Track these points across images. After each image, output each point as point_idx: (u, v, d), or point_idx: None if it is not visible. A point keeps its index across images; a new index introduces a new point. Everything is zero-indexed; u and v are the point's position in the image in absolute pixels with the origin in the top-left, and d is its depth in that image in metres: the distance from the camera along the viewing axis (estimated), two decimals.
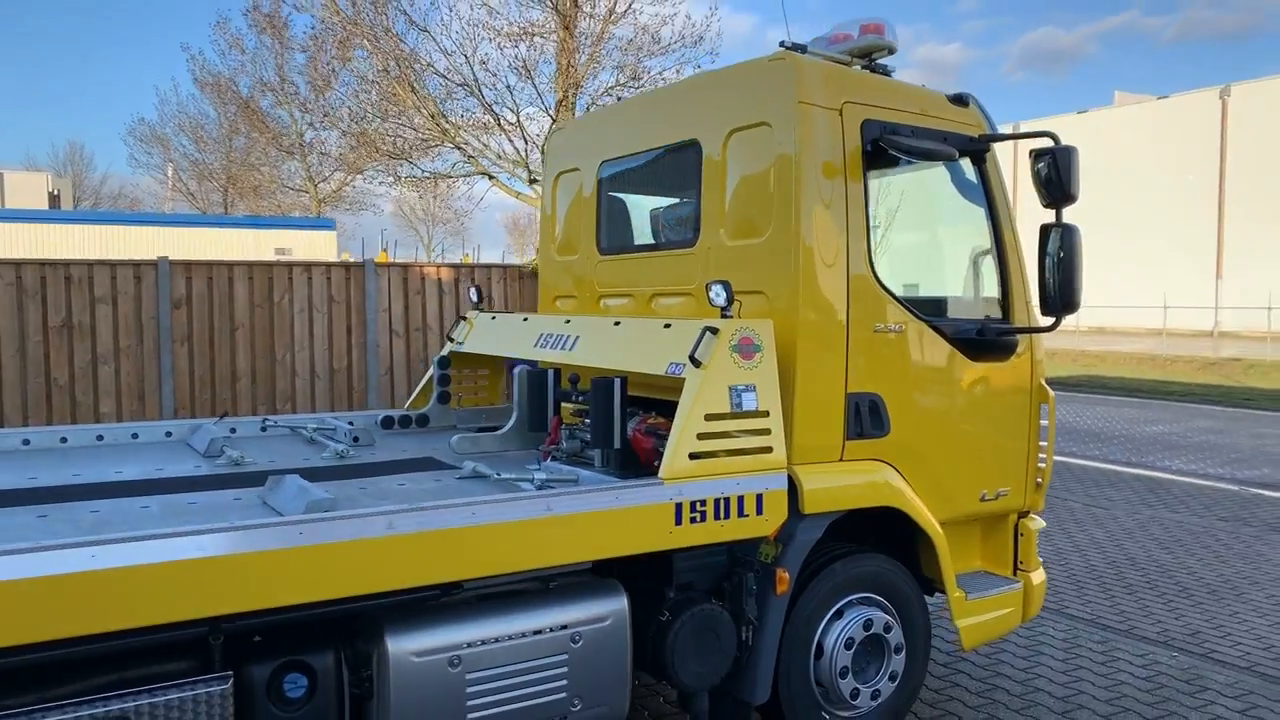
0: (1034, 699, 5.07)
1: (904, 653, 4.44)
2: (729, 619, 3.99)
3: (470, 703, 3.41)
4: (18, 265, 10.12)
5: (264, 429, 5.36)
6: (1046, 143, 4.32)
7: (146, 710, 2.86)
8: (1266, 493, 10.56)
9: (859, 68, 4.69)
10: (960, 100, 4.80)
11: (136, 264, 10.67)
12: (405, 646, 3.30)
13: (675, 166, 5.00)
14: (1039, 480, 4.99)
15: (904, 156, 4.41)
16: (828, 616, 4.28)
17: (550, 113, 14.89)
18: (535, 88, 14.74)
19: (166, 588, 2.79)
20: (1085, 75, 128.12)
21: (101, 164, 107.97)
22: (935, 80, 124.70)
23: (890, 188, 4.80)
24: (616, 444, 4.15)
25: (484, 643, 3.44)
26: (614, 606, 3.74)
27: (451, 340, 5.89)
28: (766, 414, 3.92)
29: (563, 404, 4.79)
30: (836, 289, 4.22)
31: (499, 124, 15.48)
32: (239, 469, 4.38)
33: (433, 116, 16.09)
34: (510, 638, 3.49)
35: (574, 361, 4.64)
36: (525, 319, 5.37)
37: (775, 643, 4.05)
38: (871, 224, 4.37)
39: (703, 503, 3.72)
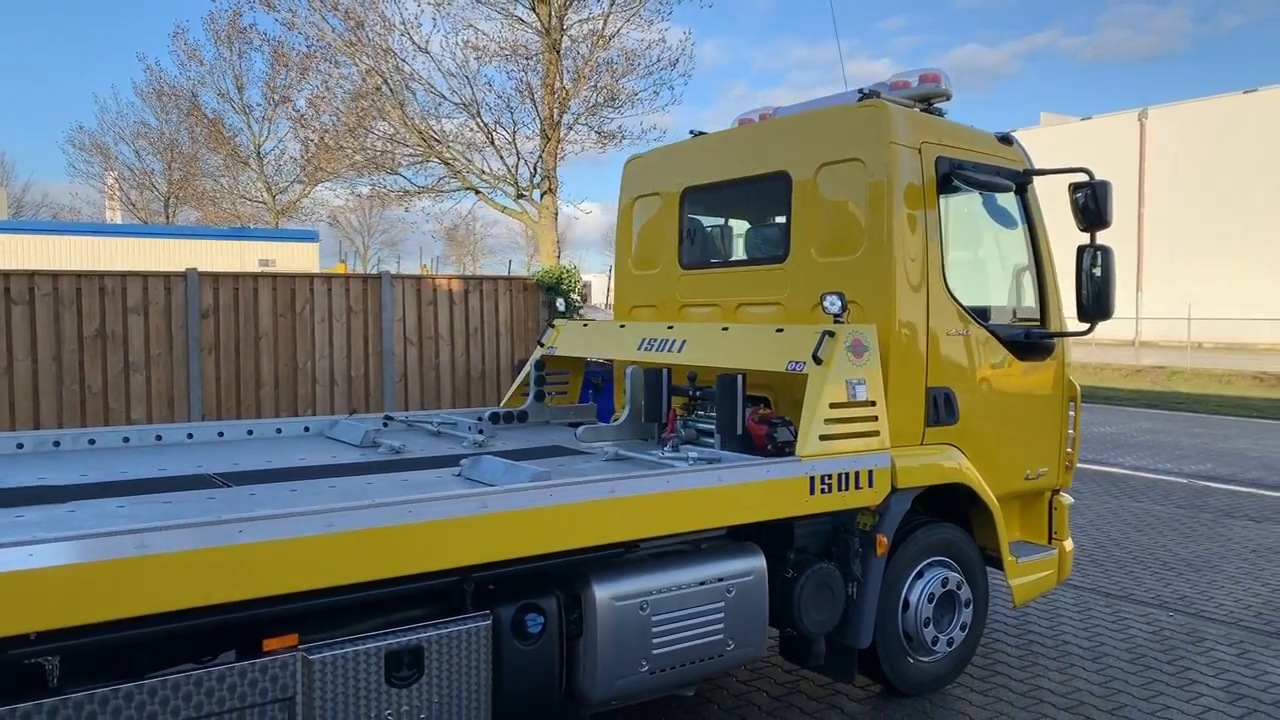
0: (1062, 647, 5.93)
1: (971, 607, 5.26)
2: (840, 577, 4.75)
3: (654, 640, 4.10)
4: (55, 276, 10.47)
5: (385, 424, 5.97)
6: (1083, 177, 5.20)
7: (434, 640, 3.51)
8: (1213, 484, 11.70)
9: (918, 110, 5.51)
10: (1006, 139, 5.66)
11: (166, 275, 11.07)
12: (608, 593, 3.99)
13: (762, 194, 5.77)
14: (1068, 462, 5.88)
15: (970, 188, 5.26)
16: (912, 576, 5.07)
17: (545, 131, 15.55)
18: (535, 108, 15.39)
19: (448, 540, 3.46)
20: (1010, 93, 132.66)
21: (23, 172, 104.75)
22: None
23: (951, 213, 5.63)
24: (739, 430, 4.89)
25: (664, 591, 4.14)
26: (756, 564, 4.46)
27: (541, 345, 6.57)
28: (874, 403, 4.70)
29: (674, 398, 5.50)
30: (920, 299, 5.03)
31: (492, 141, 16.09)
32: (402, 456, 5.01)
33: (420, 133, 16.65)
34: (683, 587, 4.20)
35: (684, 362, 5.37)
36: (622, 326, 6.08)
37: (875, 597, 4.82)
38: (944, 244, 5.19)
39: (829, 476, 4.48)
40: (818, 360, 4.59)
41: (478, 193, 17.36)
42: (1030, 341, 5.56)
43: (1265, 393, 23.59)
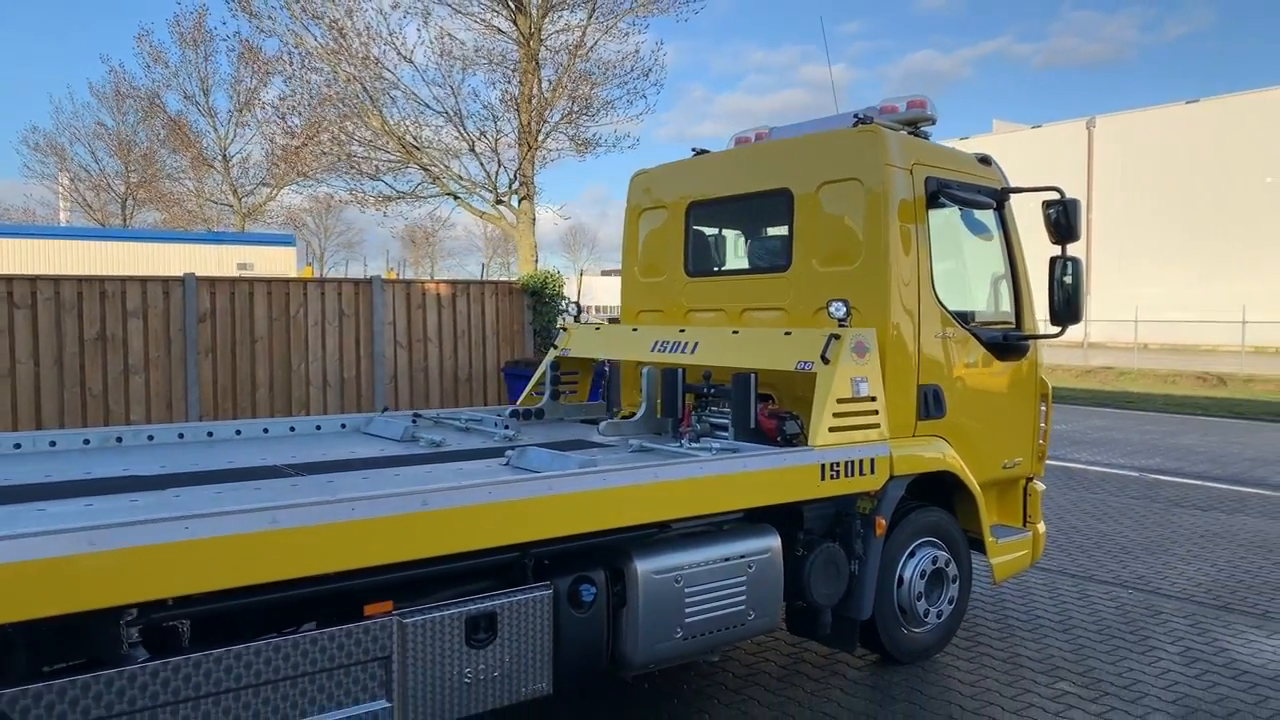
0: (1035, 621, 6.52)
1: (957, 583, 5.82)
2: (844, 555, 5.28)
3: (687, 609, 4.59)
4: (56, 281, 10.72)
5: (415, 421, 6.39)
6: (1055, 195, 5.79)
7: (507, 607, 3.97)
8: (1162, 477, 12.46)
9: (906, 133, 6.06)
10: (985, 160, 6.25)
11: (165, 280, 11.37)
12: (648, 567, 4.47)
13: (765, 208, 6.29)
14: (1040, 453, 6.47)
15: (956, 205, 5.82)
16: (905, 555, 5.61)
17: (528, 140, 15.97)
18: (520, 117, 15.81)
19: (524, 517, 3.93)
20: (963, 99, 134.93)
21: None
22: (820, 101, 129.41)
23: (937, 227, 6.18)
24: (753, 424, 5.40)
25: (695, 566, 4.63)
26: (772, 543, 4.97)
27: (555, 347, 7.04)
28: (874, 399, 5.24)
29: (687, 395, 5.99)
30: (912, 305, 5.58)
31: (473, 149, 16.49)
32: (445, 449, 5.44)
33: (399, 140, 16.99)
34: (710, 562, 4.69)
35: (697, 362, 5.87)
36: (635, 329, 6.57)
37: (875, 574, 5.35)
38: (931, 255, 5.74)
39: (838, 464, 5.01)
40: (825, 360, 5.11)
41: (456, 198, 17.73)
42: (1007, 343, 6.14)
43: (1208, 392, 24.71)
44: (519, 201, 17.15)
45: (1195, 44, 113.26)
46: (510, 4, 16.34)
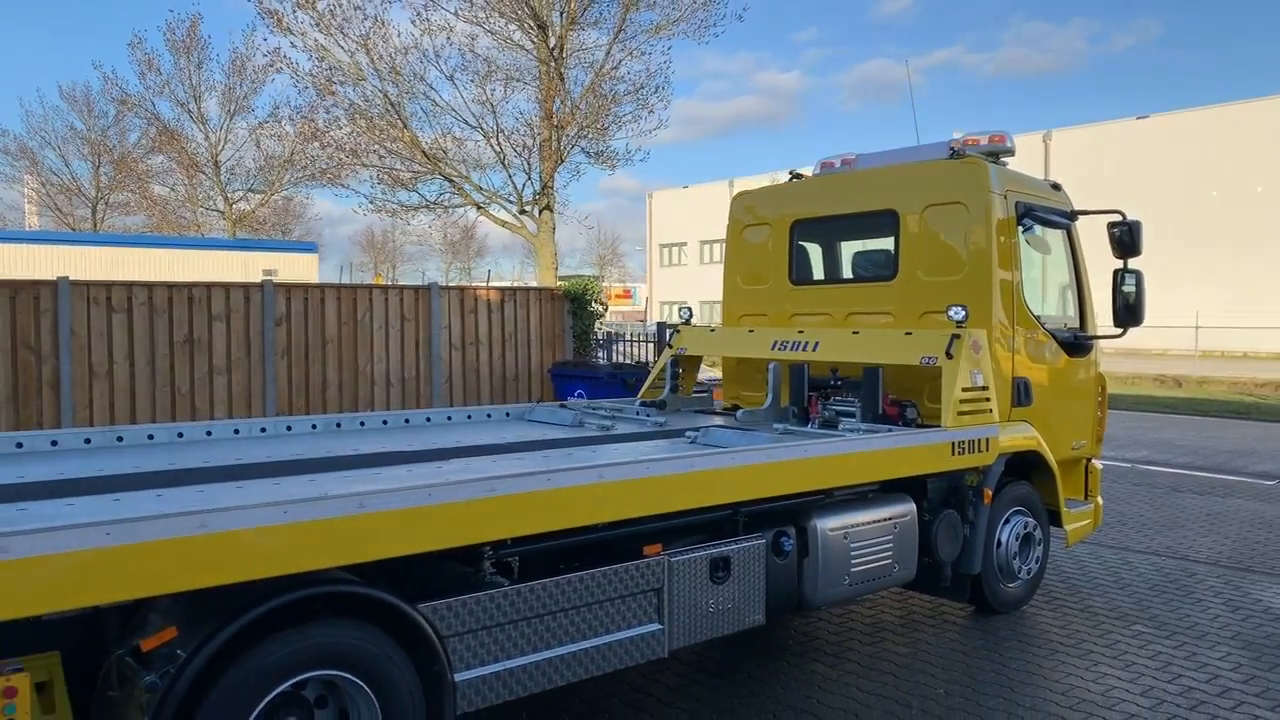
0: (1094, 581, 7.60)
1: (1041, 546, 6.87)
2: (959, 520, 6.28)
3: (852, 560, 5.56)
4: (150, 287, 11.40)
5: (563, 407, 7.28)
6: (1118, 217, 6.87)
7: (735, 552, 4.91)
8: (1154, 468, 13.72)
9: (990, 163, 7.08)
10: (1056, 186, 7.32)
11: (245, 286, 12.08)
12: (825, 525, 5.44)
13: (870, 226, 7.29)
14: (1099, 437, 7.55)
15: (1042, 226, 6.87)
16: (1002, 521, 6.64)
17: (559, 154, 16.86)
18: (557, 131, 16.68)
19: (761, 478, 4.87)
20: (918, 108, 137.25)
21: None
22: (776, 107, 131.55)
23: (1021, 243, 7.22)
24: (880, 410, 6.39)
25: (858, 525, 5.61)
26: (910, 508, 5.96)
27: (670, 347, 7.98)
28: (986, 389, 6.26)
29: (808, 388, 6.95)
30: (1008, 309, 6.61)
31: (503, 161, 17.34)
32: (612, 431, 6.34)
33: (425, 153, 17.79)
34: (867, 523, 5.66)
35: (819, 359, 6.83)
36: (750, 331, 7.54)
37: (983, 536, 6.36)
38: (1021, 267, 6.78)
39: (963, 442, 6.01)
40: (949, 355, 6.11)
41: (479, 207, 18.54)
42: (1077, 342, 7.22)
43: (1167, 392, 26.31)
44: (540, 212, 18.02)
45: (1143, 55, 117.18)
46: (535, 24, 17.23)
